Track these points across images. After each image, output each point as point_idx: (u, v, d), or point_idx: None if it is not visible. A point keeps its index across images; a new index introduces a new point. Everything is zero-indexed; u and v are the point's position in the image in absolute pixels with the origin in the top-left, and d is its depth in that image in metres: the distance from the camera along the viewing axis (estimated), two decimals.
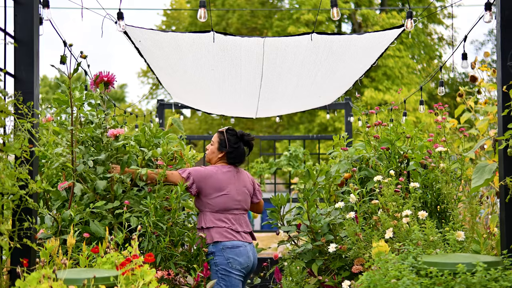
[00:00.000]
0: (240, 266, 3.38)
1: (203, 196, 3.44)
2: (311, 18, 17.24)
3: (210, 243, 3.37)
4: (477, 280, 1.99)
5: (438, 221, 3.44)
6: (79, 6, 3.60)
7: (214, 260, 3.35)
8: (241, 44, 4.72)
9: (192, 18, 20.75)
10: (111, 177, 3.19)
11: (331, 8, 3.58)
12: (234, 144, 3.58)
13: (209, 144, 3.66)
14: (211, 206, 3.43)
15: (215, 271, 3.35)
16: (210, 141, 3.69)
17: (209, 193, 3.43)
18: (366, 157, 3.82)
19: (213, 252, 3.37)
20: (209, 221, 3.41)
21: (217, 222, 3.40)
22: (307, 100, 6.79)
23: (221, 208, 3.43)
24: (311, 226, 3.38)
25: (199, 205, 3.49)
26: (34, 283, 1.90)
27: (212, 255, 3.36)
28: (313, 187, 3.48)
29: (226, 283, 3.34)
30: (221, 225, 3.40)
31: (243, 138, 3.63)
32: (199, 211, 3.50)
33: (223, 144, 3.58)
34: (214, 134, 3.69)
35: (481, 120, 3.19)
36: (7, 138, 2.30)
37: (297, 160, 8.98)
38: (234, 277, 3.36)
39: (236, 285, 3.37)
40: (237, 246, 3.39)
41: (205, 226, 3.40)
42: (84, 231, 2.89)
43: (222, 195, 3.44)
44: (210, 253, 3.37)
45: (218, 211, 3.43)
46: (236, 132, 3.66)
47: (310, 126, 17.92)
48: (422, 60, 19.25)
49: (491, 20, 3.33)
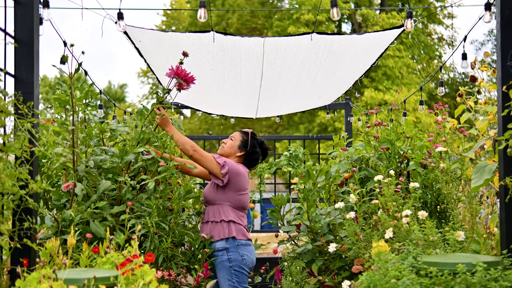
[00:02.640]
0: (251, 264, 3.40)
1: (230, 190, 3.38)
2: (311, 18, 17.24)
3: (224, 238, 3.31)
4: (477, 280, 2.00)
5: (438, 221, 3.44)
6: (79, 6, 3.60)
7: (228, 256, 3.30)
8: (241, 44, 4.72)
9: (192, 18, 20.76)
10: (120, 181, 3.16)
11: (331, 8, 3.58)
12: (254, 147, 3.59)
13: (228, 139, 3.61)
14: (234, 201, 3.39)
15: (228, 267, 3.30)
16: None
17: (237, 189, 3.40)
18: (366, 157, 3.82)
19: (226, 248, 3.31)
20: (231, 215, 3.36)
21: (237, 219, 3.39)
22: (307, 100, 6.79)
23: (241, 206, 3.43)
24: (311, 226, 3.38)
25: (219, 197, 3.39)
26: (34, 283, 1.90)
27: (225, 251, 3.31)
28: (313, 187, 3.48)
29: (239, 280, 3.31)
30: (240, 223, 3.40)
31: (262, 145, 3.64)
32: (212, 203, 3.41)
33: (245, 145, 3.56)
34: (235, 132, 3.66)
35: (481, 120, 3.19)
36: (7, 138, 2.30)
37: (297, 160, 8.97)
38: (245, 274, 3.36)
39: (246, 282, 3.37)
40: (249, 244, 3.41)
41: (226, 219, 3.34)
42: (84, 232, 2.89)
43: (245, 194, 3.46)
44: (223, 249, 3.31)
45: (238, 208, 3.41)
46: (257, 137, 3.68)
47: (310, 126, 17.92)
48: (422, 60, 19.26)
49: (491, 20, 3.33)
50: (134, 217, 3.07)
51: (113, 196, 3.18)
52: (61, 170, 3.23)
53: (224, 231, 3.33)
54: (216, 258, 3.32)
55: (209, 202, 3.43)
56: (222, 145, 3.64)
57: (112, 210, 3.02)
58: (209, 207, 3.43)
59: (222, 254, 3.31)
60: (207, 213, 3.43)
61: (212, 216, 3.38)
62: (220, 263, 3.32)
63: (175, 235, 3.23)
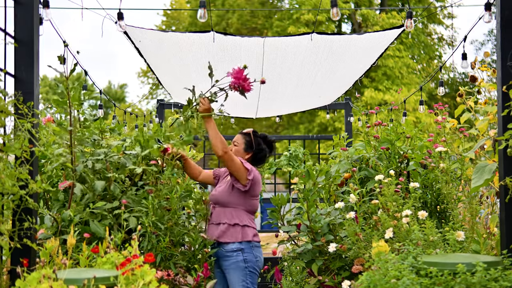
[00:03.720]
0: (262, 265, 3.45)
1: (247, 195, 3.40)
2: (311, 18, 17.24)
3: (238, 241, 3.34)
4: (477, 280, 1.99)
5: (438, 221, 3.44)
6: (79, 6, 3.60)
7: (244, 256, 3.32)
8: (241, 44, 4.73)
9: (192, 18, 20.75)
10: (109, 177, 3.18)
11: (331, 8, 3.58)
12: (259, 146, 3.58)
13: (231, 145, 3.58)
14: (248, 206, 3.43)
15: (243, 267, 3.31)
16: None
17: (254, 194, 3.44)
18: (366, 157, 3.82)
19: (241, 249, 3.33)
20: (245, 219, 3.39)
21: (251, 223, 3.43)
22: (307, 100, 6.80)
23: (254, 210, 3.48)
24: (311, 226, 3.38)
25: (234, 200, 3.40)
26: (34, 283, 1.90)
27: (240, 252, 3.32)
28: (313, 187, 3.48)
29: (252, 280, 3.34)
30: (254, 226, 3.44)
31: (266, 140, 3.63)
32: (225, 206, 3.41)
33: (250, 145, 3.55)
34: (237, 135, 3.64)
35: (481, 120, 3.18)
36: (7, 138, 2.30)
37: (297, 160, 8.97)
38: (257, 275, 3.40)
39: (257, 283, 3.41)
40: (260, 246, 3.46)
41: (241, 224, 3.36)
42: (84, 231, 2.88)
43: (257, 198, 3.51)
44: (237, 249, 3.32)
45: (250, 212, 3.45)
46: (259, 134, 3.67)
47: (310, 126, 17.92)
48: (422, 60, 19.26)
49: (491, 20, 3.33)
50: (128, 212, 3.08)
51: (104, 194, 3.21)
52: (60, 170, 3.23)
53: (238, 235, 3.35)
54: (229, 259, 3.33)
55: (221, 204, 3.43)
56: None
57: (105, 206, 3.03)
58: (220, 209, 3.42)
59: (237, 255, 3.32)
60: (218, 215, 3.42)
61: (225, 218, 3.37)
62: (234, 263, 3.32)
63: (173, 234, 3.23)
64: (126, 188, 3.26)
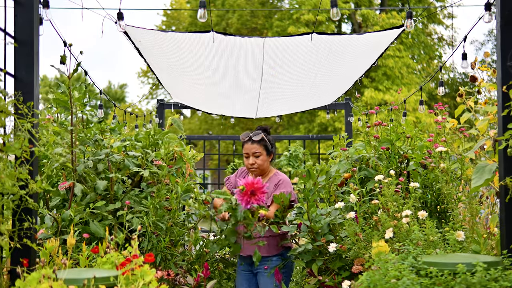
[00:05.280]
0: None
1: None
2: (311, 18, 17.24)
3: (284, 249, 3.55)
4: (477, 280, 1.99)
5: (438, 221, 3.44)
6: (79, 6, 3.60)
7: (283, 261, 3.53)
8: (241, 44, 4.72)
9: (192, 18, 20.76)
10: (111, 178, 3.18)
11: (331, 8, 3.58)
12: (271, 141, 3.66)
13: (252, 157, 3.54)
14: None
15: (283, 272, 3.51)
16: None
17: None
18: (366, 157, 3.82)
19: (282, 254, 3.54)
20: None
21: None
22: (307, 100, 6.79)
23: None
24: (311, 226, 3.38)
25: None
26: (34, 283, 1.90)
27: (280, 257, 3.53)
28: (313, 187, 3.48)
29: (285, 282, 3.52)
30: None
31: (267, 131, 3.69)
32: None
33: (268, 148, 3.62)
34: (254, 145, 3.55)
35: (481, 120, 3.18)
36: (7, 138, 2.30)
37: (297, 160, 8.97)
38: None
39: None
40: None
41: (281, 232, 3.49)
42: (84, 231, 2.89)
43: None
44: (279, 254, 3.52)
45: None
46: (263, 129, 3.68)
47: (310, 126, 17.92)
48: (422, 60, 19.27)
49: (491, 20, 3.33)
50: (130, 213, 3.08)
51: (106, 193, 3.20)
52: (60, 170, 3.24)
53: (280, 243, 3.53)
54: (269, 262, 3.49)
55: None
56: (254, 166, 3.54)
57: (107, 207, 3.04)
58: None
59: (277, 260, 3.52)
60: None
61: (269, 231, 3.41)
62: (273, 267, 3.48)
63: (173, 234, 3.23)
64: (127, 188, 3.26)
